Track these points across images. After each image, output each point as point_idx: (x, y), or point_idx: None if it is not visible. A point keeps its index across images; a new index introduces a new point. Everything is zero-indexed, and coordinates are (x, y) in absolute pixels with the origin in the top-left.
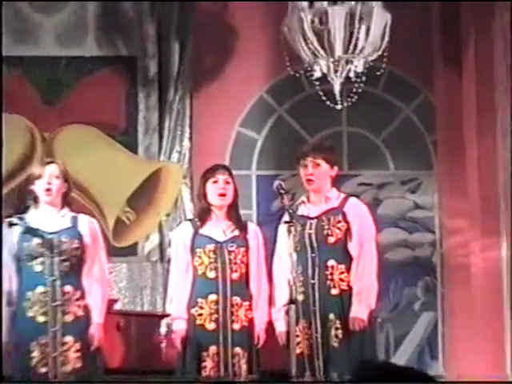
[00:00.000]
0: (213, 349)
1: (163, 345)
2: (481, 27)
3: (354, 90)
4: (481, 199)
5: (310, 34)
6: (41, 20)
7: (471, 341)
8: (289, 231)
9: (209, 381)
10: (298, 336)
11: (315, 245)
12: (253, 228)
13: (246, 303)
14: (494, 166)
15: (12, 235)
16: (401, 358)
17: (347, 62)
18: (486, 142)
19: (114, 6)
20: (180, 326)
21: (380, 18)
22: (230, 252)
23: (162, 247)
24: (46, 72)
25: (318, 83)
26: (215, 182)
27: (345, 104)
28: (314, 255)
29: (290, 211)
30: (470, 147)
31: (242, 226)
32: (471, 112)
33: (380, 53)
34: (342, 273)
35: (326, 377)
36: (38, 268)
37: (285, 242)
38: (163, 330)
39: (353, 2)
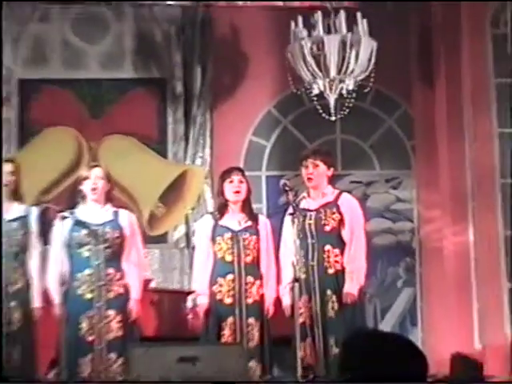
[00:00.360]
0: (230, 319)
1: (189, 316)
2: (450, 53)
3: (346, 104)
4: (451, 193)
5: (309, 59)
6: (86, 48)
7: (444, 311)
8: (292, 221)
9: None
10: (300, 308)
11: (314, 233)
12: (263, 219)
13: (258, 282)
14: (461, 166)
15: (64, 227)
16: (386, 326)
17: (340, 81)
18: (455, 145)
19: (147, 36)
20: (203, 301)
21: (367, 45)
22: (244, 239)
23: (188, 236)
24: (91, 91)
25: (316, 99)
26: (231, 181)
27: (338, 116)
28: (313, 241)
29: (294, 205)
30: (442, 150)
31: (253, 218)
32: (443, 121)
33: (367, 74)
34: (337, 256)
35: (324, 343)
36: (86, 254)
37: (289, 230)
38: (189, 304)
39: (344, 32)
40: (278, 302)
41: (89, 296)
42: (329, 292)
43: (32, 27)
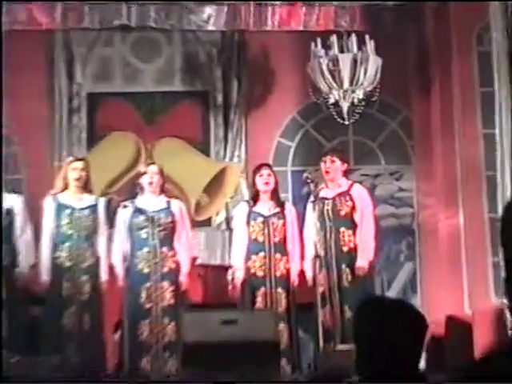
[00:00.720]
0: (262, 289)
1: (229, 287)
2: (442, 67)
3: (357, 111)
4: (444, 183)
5: (326, 73)
6: (142, 67)
7: (439, 281)
8: (313, 208)
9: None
10: (320, 280)
11: (331, 217)
12: (289, 206)
13: (285, 258)
14: (453, 161)
15: (126, 213)
16: (392, 293)
17: (352, 92)
18: (447, 144)
19: (193, 56)
20: (240, 274)
21: (374, 62)
22: (273, 223)
23: (227, 220)
24: (146, 102)
25: (332, 107)
26: (261, 175)
27: (350, 120)
28: (330, 224)
29: (314, 194)
30: (437, 148)
31: (281, 205)
32: (437, 124)
33: (374, 85)
34: (350, 236)
35: (340, 308)
36: (144, 236)
37: (311, 215)
38: (229, 276)
39: (355, 51)
40: (301, 274)
41: (146, 270)
42: (343, 266)
43: (98, 50)
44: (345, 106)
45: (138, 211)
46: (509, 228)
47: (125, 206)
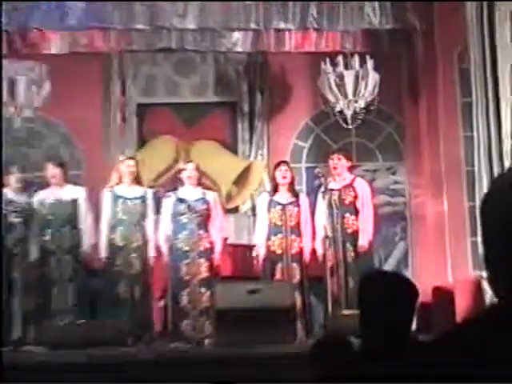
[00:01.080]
0: (280, 265)
1: (253, 262)
2: (430, 80)
3: (359, 117)
4: (431, 177)
5: (333, 87)
6: (182, 81)
7: (427, 257)
8: (323, 198)
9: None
10: (329, 256)
11: (338, 205)
12: (303, 196)
13: (299, 238)
14: (438, 158)
15: (169, 202)
16: (388, 267)
17: (355, 102)
18: (433, 144)
19: (223, 73)
20: (262, 252)
21: (373, 77)
22: (289, 210)
23: (252, 208)
24: (185, 111)
25: (338, 114)
26: (280, 170)
27: (353, 125)
28: (337, 211)
29: (324, 186)
30: (424, 148)
31: (296, 195)
32: (424, 127)
33: (373, 96)
34: (353, 220)
35: (345, 280)
36: (184, 221)
37: (321, 204)
38: (253, 254)
39: (357, 68)
40: (313, 252)
41: (186, 249)
42: (348, 245)
43: (145, 68)
44: (348, 113)
45: (179, 200)
46: (485, 215)
47: (168, 196)
